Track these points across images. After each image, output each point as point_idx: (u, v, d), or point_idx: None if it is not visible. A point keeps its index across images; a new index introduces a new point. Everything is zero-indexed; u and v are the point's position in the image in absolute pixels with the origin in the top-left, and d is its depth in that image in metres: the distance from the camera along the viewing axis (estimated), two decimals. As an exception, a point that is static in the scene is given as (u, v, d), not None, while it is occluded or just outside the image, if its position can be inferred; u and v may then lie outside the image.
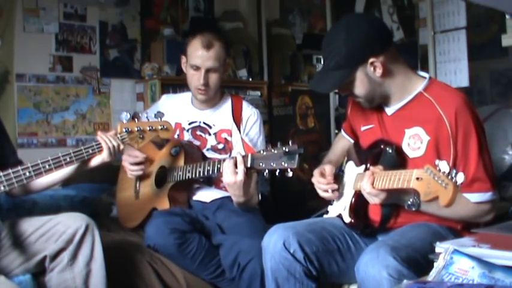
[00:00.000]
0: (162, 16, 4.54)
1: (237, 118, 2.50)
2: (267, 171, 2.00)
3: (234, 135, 2.48)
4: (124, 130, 2.03)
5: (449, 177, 1.41)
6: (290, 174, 1.95)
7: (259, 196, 2.37)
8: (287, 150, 1.93)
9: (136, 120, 2.06)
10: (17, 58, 3.83)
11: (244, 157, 2.07)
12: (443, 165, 1.43)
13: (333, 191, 1.94)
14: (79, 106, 4.12)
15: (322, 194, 1.98)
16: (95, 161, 2.00)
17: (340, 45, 1.76)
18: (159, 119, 2.10)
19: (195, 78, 2.43)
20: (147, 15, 4.46)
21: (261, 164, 2.01)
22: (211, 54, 2.40)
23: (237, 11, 4.89)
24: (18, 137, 3.86)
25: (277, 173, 1.98)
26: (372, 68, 1.77)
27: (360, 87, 1.81)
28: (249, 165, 2.05)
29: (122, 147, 2.00)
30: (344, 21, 1.85)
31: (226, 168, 2.09)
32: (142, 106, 4.16)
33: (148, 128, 2.06)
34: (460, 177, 1.40)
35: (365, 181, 1.70)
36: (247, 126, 2.50)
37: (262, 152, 2.02)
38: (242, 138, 2.42)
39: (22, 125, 3.90)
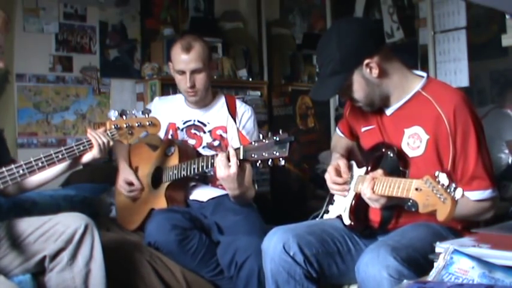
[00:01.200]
0: (162, 16, 4.54)
1: (233, 112, 2.52)
2: (259, 161, 2.01)
3: (229, 131, 2.49)
4: (113, 127, 2.07)
5: (448, 190, 1.41)
6: (282, 162, 1.96)
7: (256, 188, 2.38)
8: (278, 139, 1.95)
9: (124, 117, 2.11)
10: (17, 58, 3.83)
11: (237, 150, 2.08)
12: (443, 177, 1.43)
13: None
14: (79, 106, 4.12)
15: (335, 191, 1.97)
16: (86, 158, 2.02)
17: (333, 51, 1.76)
18: (146, 115, 2.15)
19: (182, 83, 2.46)
20: (147, 15, 4.46)
21: (253, 155, 2.02)
22: (192, 56, 2.41)
23: (237, 11, 4.90)
24: (18, 137, 3.87)
25: (269, 163, 1.98)
26: (368, 70, 1.77)
27: (359, 91, 1.80)
28: (241, 157, 2.06)
29: (111, 143, 2.05)
30: (334, 26, 1.86)
31: (219, 162, 2.11)
32: (142, 106, 4.15)
33: (136, 124, 2.12)
34: (459, 193, 1.40)
35: (365, 186, 1.70)
36: (243, 120, 2.52)
37: (253, 143, 2.03)
38: (239, 130, 2.44)
39: (22, 125, 3.90)
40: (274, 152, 1.95)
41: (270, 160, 1.98)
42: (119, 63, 4.32)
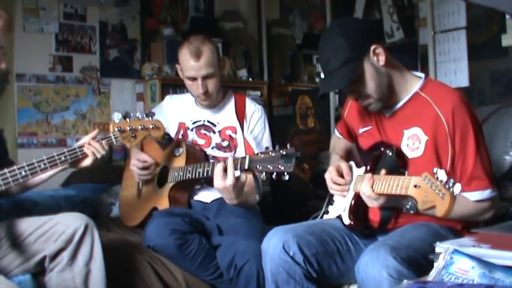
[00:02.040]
0: (162, 16, 4.54)
1: (241, 116, 2.49)
2: (264, 173, 2.01)
3: (238, 132, 2.48)
4: (116, 129, 2.06)
5: (447, 186, 1.41)
6: (286, 177, 1.96)
7: (259, 195, 2.37)
8: (284, 153, 1.94)
9: (128, 119, 2.10)
10: (17, 58, 3.82)
11: (243, 159, 2.07)
12: (441, 174, 1.43)
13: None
14: (79, 106, 4.12)
15: (334, 191, 1.97)
16: (83, 163, 2.01)
17: (341, 42, 1.76)
18: (150, 118, 2.14)
19: (193, 88, 2.42)
20: (147, 15, 4.46)
21: (258, 166, 2.01)
22: (202, 62, 2.35)
23: (237, 11, 4.90)
24: (18, 137, 3.86)
25: (273, 176, 1.98)
26: (375, 58, 1.77)
27: (370, 81, 1.78)
28: (246, 167, 2.05)
29: (104, 153, 2.01)
30: (334, 24, 1.90)
31: (216, 173, 2.11)
32: (142, 106, 4.16)
33: (140, 127, 2.10)
34: (457, 188, 1.41)
35: (365, 184, 1.70)
36: (252, 123, 2.49)
37: (260, 154, 2.03)
38: (245, 138, 2.43)
39: (22, 125, 3.90)
40: (280, 166, 1.95)
41: (275, 173, 1.97)
42: (119, 63, 4.32)
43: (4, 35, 1.88)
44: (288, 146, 1.96)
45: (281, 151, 1.95)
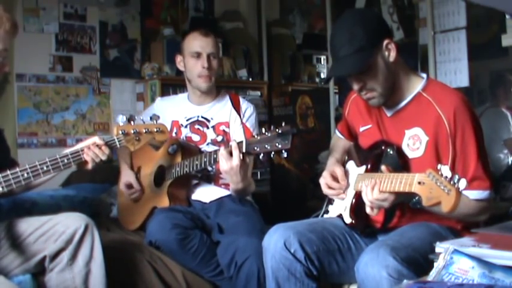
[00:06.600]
0: (162, 16, 4.54)
1: (237, 107, 2.57)
2: (262, 154, 2.02)
3: (231, 126, 2.52)
4: (120, 132, 2.05)
5: (452, 182, 1.40)
6: (285, 155, 1.99)
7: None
8: (280, 131, 1.96)
9: (132, 122, 2.09)
10: (17, 58, 3.82)
11: (240, 143, 2.09)
12: (445, 170, 1.42)
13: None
14: (79, 106, 4.12)
15: (330, 195, 1.97)
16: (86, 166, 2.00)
17: (358, 30, 1.75)
18: (155, 121, 2.13)
19: (197, 65, 2.49)
20: (147, 15, 4.46)
21: (255, 147, 2.03)
22: (210, 40, 2.52)
23: (237, 11, 4.90)
24: (18, 137, 3.87)
25: (272, 155, 2.02)
26: (386, 53, 1.77)
27: (379, 75, 1.77)
28: (244, 150, 2.06)
29: (105, 158, 1.99)
30: (349, 12, 1.87)
31: (222, 155, 2.12)
32: (142, 106, 4.16)
33: (144, 131, 2.09)
34: (462, 183, 1.40)
35: (369, 190, 1.68)
36: (246, 115, 2.56)
37: (256, 136, 2.04)
38: (243, 123, 2.49)
39: (22, 125, 3.90)
40: (277, 144, 1.96)
41: (272, 153, 1.99)
42: (119, 63, 4.32)
43: (9, 38, 1.88)
44: (283, 124, 1.98)
45: (276, 130, 1.97)
